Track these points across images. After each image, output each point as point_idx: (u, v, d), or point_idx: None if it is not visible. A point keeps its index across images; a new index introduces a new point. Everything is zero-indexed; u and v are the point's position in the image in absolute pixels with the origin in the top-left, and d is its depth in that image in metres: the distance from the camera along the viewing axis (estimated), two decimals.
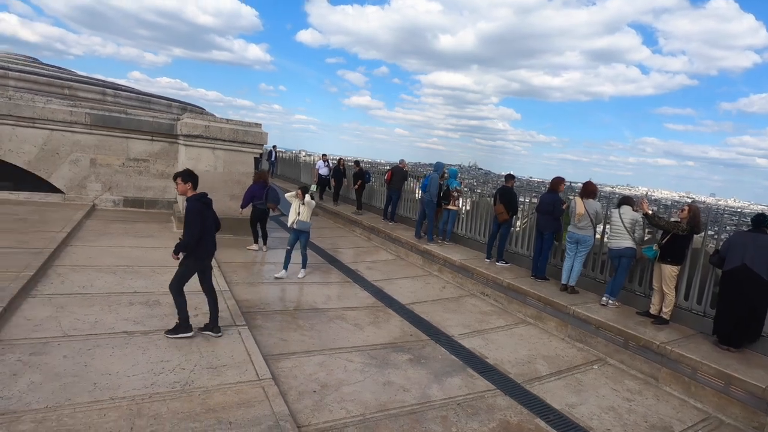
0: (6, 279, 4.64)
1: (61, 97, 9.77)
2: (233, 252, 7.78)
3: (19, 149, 8.80)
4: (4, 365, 3.21)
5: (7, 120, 8.61)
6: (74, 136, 9.28)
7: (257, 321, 4.86)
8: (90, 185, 9.55)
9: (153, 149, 10.05)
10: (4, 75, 9.48)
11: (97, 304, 4.56)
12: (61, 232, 6.82)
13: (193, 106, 13.88)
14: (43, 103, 8.92)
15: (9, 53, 11.94)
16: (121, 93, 11.28)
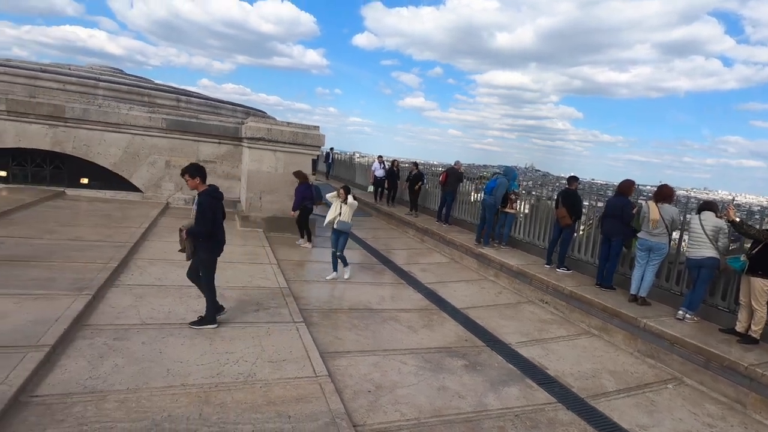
0: (95, 270, 5.14)
1: (141, 104, 10.68)
2: (290, 250, 8.07)
3: (106, 152, 9.73)
4: (93, 348, 3.55)
5: (97, 126, 9.55)
6: (152, 140, 10.10)
7: (314, 318, 4.99)
8: (164, 185, 10.34)
9: (220, 151, 10.68)
10: (95, 85, 10.52)
11: (171, 295, 4.91)
12: (139, 228, 7.44)
13: (255, 110, 14.59)
14: (126, 110, 9.80)
15: (98, 65, 13.23)
16: (193, 99, 12.10)
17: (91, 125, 9.52)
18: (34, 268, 4.96)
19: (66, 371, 3.19)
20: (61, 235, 6.41)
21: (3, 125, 8.93)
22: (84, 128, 9.49)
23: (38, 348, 3.26)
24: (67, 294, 4.33)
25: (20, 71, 9.96)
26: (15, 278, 4.57)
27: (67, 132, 9.40)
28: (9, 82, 9.57)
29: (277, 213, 9.33)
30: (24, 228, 6.59)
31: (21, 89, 9.45)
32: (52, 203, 8.61)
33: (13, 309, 3.88)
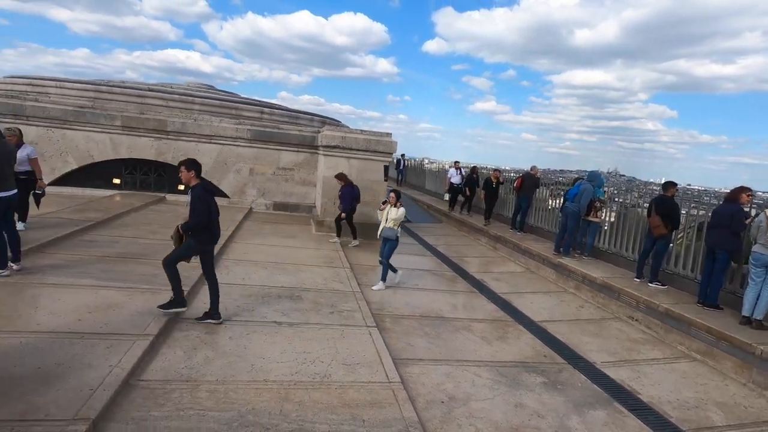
0: (189, 268, 5.62)
1: (230, 117, 11.62)
2: (362, 254, 8.23)
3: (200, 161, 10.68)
4: (187, 340, 3.89)
5: (193, 137, 10.56)
6: (238, 149, 10.93)
7: (386, 324, 5.02)
8: (248, 191, 11.12)
9: (298, 159, 11.26)
10: (191, 101, 11.66)
11: (254, 294, 5.24)
12: (227, 230, 8.05)
13: (330, 119, 15.18)
14: (217, 123, 10.72)
15: (194, 83, 14.65)
16: (275, 111, 12.91)
17: (187, 137, 10.55)
18: (142, 265, 5.58)
19: (166, 359, 3.53)
20: (163, 236, 7.12)
21: (119, 139, 10.22)
22: (182, 140, 10.54)
23: (144, 337, 3.65)
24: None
25: (132, 91, 11.35)
26: (127, 273, 5.18)
27: (168, 143, 10.50)
28: (124, 101, 10.95)
29: None
30: (133, 229, 7.45)
31: (133, 107, 10.77)
32: (155, 207, 9.65)
33: (125, 301, 4.39)
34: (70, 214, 7.59)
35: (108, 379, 2.98)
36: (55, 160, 9.93)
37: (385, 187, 9.94)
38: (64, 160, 10.01)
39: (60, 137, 9.97)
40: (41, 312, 3.91)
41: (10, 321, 3.68)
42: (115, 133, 10.22)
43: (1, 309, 3.86)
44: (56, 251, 5.66)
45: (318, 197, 10.49)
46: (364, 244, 9.06)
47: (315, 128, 12.61)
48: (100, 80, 11.99)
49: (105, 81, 11.99)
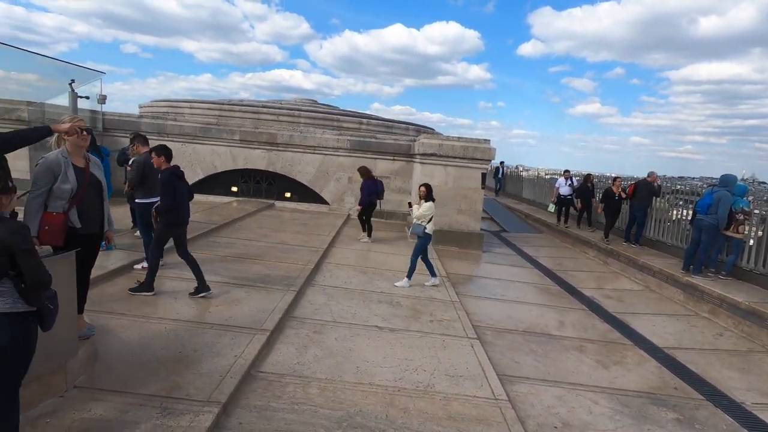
0: (297, 269, 6.04)
1: (331, 129, 12.30)
2: (459, 263, 8.06)
3: (304, 170, 11.50)
4: (298, 338, 4.14)
5: (298, 149, 11.38)
6: (338, 159, 11.50)
7: (487, 337, 4.82)
8: (347, 198, 11.62)
9: (393, 167, 11.48)
10: (298, 115, 12.59)
11: (355, 298, 5.41)
12: (328, 236, 8.50)
13: (425, 128, 15.28)
14: (320, 134, 11.42)
15: (299, 99, 15.83)
16: (372, 121, 13.38)
17: (294, 148, 11.40)
18: (256, 265, 6.11)
19: (280, 354, 3.78)
20: (273, 239, 7.77)
21: (237, 151, 11.42)
22: (289, 151, 11.42)
23: (262, 332, 3.96)
24: (279, 288, 5.18)
25: (248, 108, 12.62)
26: (245, 272, 5.70)
27: (277, 154, 11.44)
28: (241, 118, 12.22)
29: (445, 226, 9.48)
30: (248, 232, 8.22)
31: (249, 122, 11.96)
32: (266, 213, 10.56)
33: (244, 297, 4.83)
34: (199, 218, 8.62)
35: (234, 368, 3.28)
36: (187, 171, 11.28)
37: (481, 196, 9.67)
38: (194, 171, 11.46)
39: (191, 151, 11.44)
40: (179, 303, 4.47)
41: (156, 309, 4.27)
42: (234, 146, 11.43)
43: (151, 298, 4.50)
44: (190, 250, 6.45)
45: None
46: (459, 253, 8.89)
47: (410, 137, 12.78)
48: (222, 100, 13.55)
49: (227, 101, 13.52)
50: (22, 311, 2.07)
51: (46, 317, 2.19)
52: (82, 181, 3.12)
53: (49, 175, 2.96)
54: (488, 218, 13.79)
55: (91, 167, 3.27)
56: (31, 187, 2.96)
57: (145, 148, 5.55)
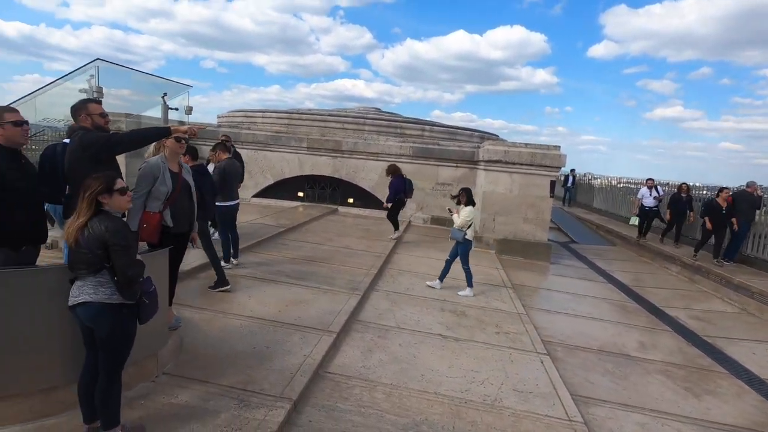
0: (361, 274, 6.14)
1: (394, 136, 12.43)
2: (524, 274, 7.74)
3: (367, 177, 11.71)
4: (363, 341, 4.19)
5: (362, 156, 11.62)
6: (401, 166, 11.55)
7: (557, 353, 4.56)
8: (408, 204, 11.62)
9: (456, 174, 11.33)
10: (363, 123, 12.88)
11: (418, 305, 5.38)
12: (390, 241, 8.56)
13: (489, 134, 14.95)
14: (384, 141, 11.58)
15: (364, 107, 16.19)
16: (435, 128, 13.34)
17: (358, 155, 11.65)
18: (322, 267, 6.30)
19: (346, 357, 3.85)
20: (337, 244, 7.97)
21: (304, 158, 11.91)
22: (353, 158, 11.69)
23: (329, 333, 4.06)
24: (344, 292, 5.29)
25: (316, 117, 13.13)
26: (312, 274, 5.90)
27: (342, 161, 11.77)
28: (309, 126, 12.74)
29: (509, 235, 9.18)
30: (314, 236, 8.51)
31: (316, 130, 12.44)
32: (330, 217, 10.88)
33: (311, 298, 4.99)
34: (269, 221, 9.09)
35: (303, 367, 3.39)
36: (258, 177, 12.10)
37: (549, 204, 9.24)
38: (264, 176, 12.12)
39: (262, 158, 12.12)
40: (253, 301, 4.72)
41: (233, 305, 4.54)
42: (302, 153, 11.93)
43: (227, 295, 4.80)
44: (260, 251, 6.83)
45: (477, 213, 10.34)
46: (524, 264, 8.54)
47: (474, 143, 12.56)
48: (291, 109, 14.23)
49: (296, 110, 14.17)
50: (118, 303, 2.29)
51: (143, 311, 2.40)
52: (176, 184, 3.42)
53: (150, 177, 3.28)
54: (555, 228, 13.14)
55: (183, 172, 3.57)
56: (135, 188, 3.29)
57: (225, 154, 5.96)
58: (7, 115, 2.68)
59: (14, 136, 2.69)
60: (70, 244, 2.22)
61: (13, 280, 2.42)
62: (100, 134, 3.04)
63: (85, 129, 3.07)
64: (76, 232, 2.19)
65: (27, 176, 2.77)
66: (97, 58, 5.08)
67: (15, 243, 2.73)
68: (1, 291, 2.35)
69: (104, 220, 2.24)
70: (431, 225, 11.41)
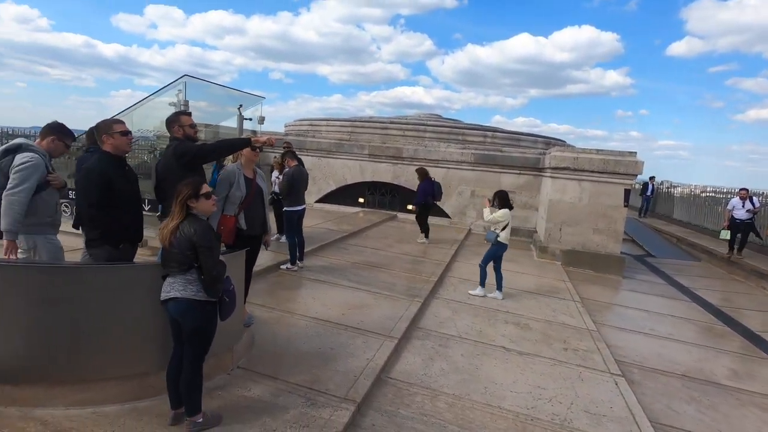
0: (421, 281, 6.13)
1: (455, 142, 12.32)
2: (594, 288, 7.28)
3: None
4: (424, 349, 4.17)
5: (422, 162, 11.60)
6: (461, 173, 11.43)
7: (634, 375, 4.24)
8: (468, 212, 11.46)
9: (519, 182, 10.97)
10: (423, 129, 12.91)
11: (479, 315, 5.26)
12: (450, 249, 8.46)
13: (556, 140, 14.32)
14: (444, 148, 11.52)
15: (424, 114, 16.21)
16: (497, 134, 13.03)
17: (418, 162, 11.66)
18: (382, 273, 6.37)
19: (407, 363, 3.86)
20: (397, 250, 8.03)
21: (366, 165, 12.16)
22: (414, 164, 11.70)
23: (391, 339, 4.09)
24: (404, 298, 5.31)
25: (377, 124, 13.37)
26: (373, 279, 5.99)
27: (402, 168, 11.85)
28: (370, 133, 13.00)
29: (577, 246, 8.69)
30: (374, 241, 8.63)
31: (377, 138, 12.66)
32: (390, 224, 10.98)
33: (373, 303, 5.06)
34: (331, 226, 9.37)
35: (366, 370, 3.45)
36: (321, 183, 12.53)
37: (623, 214, 8.63)
38: (327, 183, 12.52)
39: (325, 165, 12.54)
40: (317, 303, 4.88)
41: (299, 306, 4.73)
42: (363, 160, 12.19)
43: (294, 296, 5.02)
44: (324, 255, 7.05)
45: (541, 222, 9.93)
46: (594, 277, 8.05)
47: (538, 150, 12.10)
48: (354, 117, 14.62)
49: (358, 118, 14.53)
50: (203, 300, 2.48)
51: (223, 309, 2.59)
52: (250, 190, 3.66)
53: (227, 183, 3.54)
54: (629, 240, 12.25)
55: (257, 178, 3.80)
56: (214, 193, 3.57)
57: (293, 162, 6.26)
58: (116, 126, 3.03)
59: (121, 144, 3.03)
60: (164, 245, 2.45)
61: (115, 274, 2.72)
62: (192, 144, 3.34)
63: (177, 139, 3.39)
64: (170, 233, 2.41)
65: (131, 181, 3.10)
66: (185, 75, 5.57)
67: (117, 241, 3.06)
68: (104, 284, 2.65)
69: (193, 223, 2.45)
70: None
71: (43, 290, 2.55)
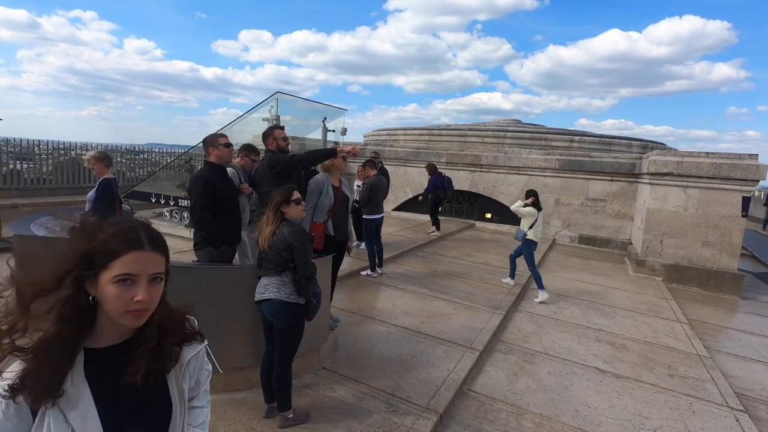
0: (502, 292, 5.91)
1: (538, 148, 11.76)
2: (705, 310, 6.44)
3: (506, 191, 11.29)
4: (507, 363, 4.00)
5: (502, 169, 11.26)
6: (544, 180, 10.85)
7: (759, 412, 3.65)
8: (552, 222, 10.82)
9: (611, 189, 10.13)
10: (503, 136, 12.51)
11: (568, 331, 4.92)
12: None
13: (655, 143, 13.03)
14: (526, 154, 11.04)
15: (503, 120, 15.72)
16: (585, 138, 12.19)
17: (497, 169, 11.33)
18: (461, 282, 6.25)
19: (490, 377, 3.72)
20: (476, 259, 7.82)
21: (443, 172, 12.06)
22: (492, 172, 11.41)
23: (472, 350, 3.98)
24: (485, 309, 5.15)
25: (455, 132, 13.24)
26: (451, 288, 5.90)
27: (480, 175, 11.58)
28: (448, 141, 12.91)
29: (682, 261, 7.77)
30: (452, 250, 8.51)
31: (455, 145, 12.54)
32: (467, 232, 10.76)
33: (452, 313, 4.98)
34: (408, 234, 9.43)
35: (447, 381, 3.39)
36: (399, 191, 12.68)
37: (741, 226, 7.55)
38: (404, 191, 12.64)
39: (403, 173, 12.68)
40: (397, 310, 4.93)
41: (380, 312, 4.81)
42: (441, 168, 12.11)
43: (374, 302, 5.11)
44: (402, 262, 7.11)
45: (637, 233, 9.06)
46: (704, 296, 7.13)
47: (633, 154, 11.10)
48: (431, 126, 14.62)
49: (435, 126, 14.52)
50: (295, 302, 2.62)
51: (310, 310, 2.72)
52: (337, 197, 3.82)
53: (317, 191, 3.73)
54: (748, 256, 10.70)
55: (342, 186, 3.96)
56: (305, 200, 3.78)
57: (373, 171, 6.42)
58: (221, 139, 3.36)
59: (225, 155, 3.35)
60: (262, 248, 2.65)
61: (220, 274, 2.99)
62: (283, 156, 3.59)
63: (271, 151, 3.66)
64: (269, 237, 2.60)
65: (232, 188, 3.42)
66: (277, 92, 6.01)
67: (218, 243, 3.37)
68: (211, 283, 2.93)
69: (287, 226, 2.61)
70: (579, 245, 10.37)
71: None
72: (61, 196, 10.05)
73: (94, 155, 4.45)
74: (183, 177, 8.30)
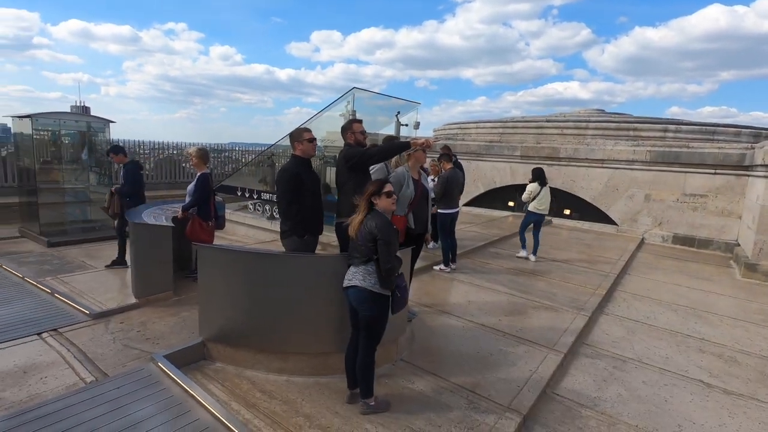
0: (585, 293, 5.53)
1: (625, 139, 10.83)
2: None
3: (588, 186, 10.55)
4: (595, 369, 3.73)
5: (583, 162, 10.53)
6: (632, 173, 9.98)
7: None
8: (641, 219, 9.93)
9: (713, 183, 9.05)
10: (585, 127, 11.70)
11: (664, 339, 4.47)
12: (619, 260, 7.44)
13: None
14: (611, 146, 10.22)
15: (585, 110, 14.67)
16: (682, 127, 11.01)
17: (578, 162, 10.63)
18: (539, 281, 5.95)
19: (576, 381, 3.50)
20: (554, 257, 7.41)
21: (516, 167, 11.59)
22: (572, 165, 10.72)
23: (555, 352, 3.78)
24: (567, 310, 4.86)
25: (531, 124, 12.63)
26: (529, 287, 5.65)
27: (559, 169, 10.93)
28: (523, 134, 12.36)
29: None
30: None
31: (531, 138, 11.96)
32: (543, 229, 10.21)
33: (531, 312, 4.76)
34: (481, 229, 9.19)
35: (530, 382, 3.24)
36: (469, 186, 12.33)
37: None
38: (476, 186, 12.34)
39: (474, 167, 12.37)
40: (472, 306, 4.82)
41: (454, 308, 4.74)
42: (514, 162, 11.65)
43: (448, 296, 5.05)
44: (475, 258, 6.95)
45: (748, 233, 8.00)
46: None
47: (743, 144, 9.79)
48: (505, 118, 14.08)
49: (510, 118, 13.96)
50: (379, 292, 2.65)
51: (395, 303, 2.73)
52: (417, 190, 3.80)
53: (398, 185, 3.75)
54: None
55: (422, 179, 3.94)
56: None
57: (449, 165, 6.32)
58: (305, 134, 3.50)
59: (309, 149, 3.49)
60: (351, 237, 2.71)
61: (309, 263, 3.13)
62: (358, 149, 3.64)
63: (349, 145, 3.73)
64: (357, 226, 2.66)
65: (316, 181, 3.54)
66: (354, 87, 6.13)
67: (302, 232, 3.52)
68: (300, 271, 3.06)
69: (375, 218, 2.65)
70: (673, 245, 9.41)
71: (254, 273, 3.09)
72: (161, 190, 11.17)
73: (196, 152, 4.85)
74: (265, 172, 8.82)
